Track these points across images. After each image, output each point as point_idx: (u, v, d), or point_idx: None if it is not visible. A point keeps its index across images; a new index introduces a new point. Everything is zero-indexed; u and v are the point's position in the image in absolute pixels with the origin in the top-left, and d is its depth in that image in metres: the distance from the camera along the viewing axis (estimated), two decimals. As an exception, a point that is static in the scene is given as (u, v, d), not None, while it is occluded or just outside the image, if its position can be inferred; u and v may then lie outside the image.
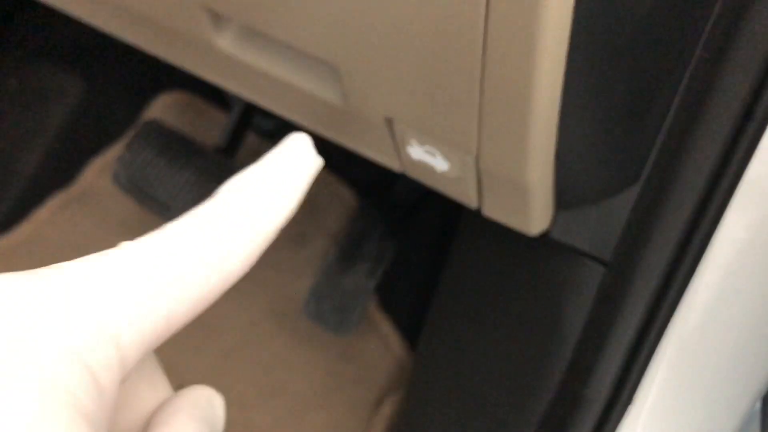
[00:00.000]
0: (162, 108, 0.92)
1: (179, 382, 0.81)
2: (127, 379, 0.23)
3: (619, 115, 0.40)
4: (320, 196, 0.89)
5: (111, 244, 0.86)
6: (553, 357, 0.47)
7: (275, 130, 0.88)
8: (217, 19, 0.43)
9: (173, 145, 0.74)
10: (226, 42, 0.45)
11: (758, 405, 0.56)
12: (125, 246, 0.24)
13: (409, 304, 0.81)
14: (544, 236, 0.45)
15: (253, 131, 0.86)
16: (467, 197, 0.44)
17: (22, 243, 0.86)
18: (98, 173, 0.91)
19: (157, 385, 0.28)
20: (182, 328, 0.28)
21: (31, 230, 0.87)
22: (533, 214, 0.42)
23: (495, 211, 0.44)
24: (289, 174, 0.29)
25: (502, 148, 0.38)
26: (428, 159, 0.42)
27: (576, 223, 0.45)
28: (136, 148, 0.74)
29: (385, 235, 0.75)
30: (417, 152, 0.42)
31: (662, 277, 0.43)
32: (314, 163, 0.31)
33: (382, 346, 0.79)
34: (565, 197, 0.42)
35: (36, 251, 0.86)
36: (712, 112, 0.41)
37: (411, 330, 0.80)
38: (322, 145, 0.50)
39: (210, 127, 0.91)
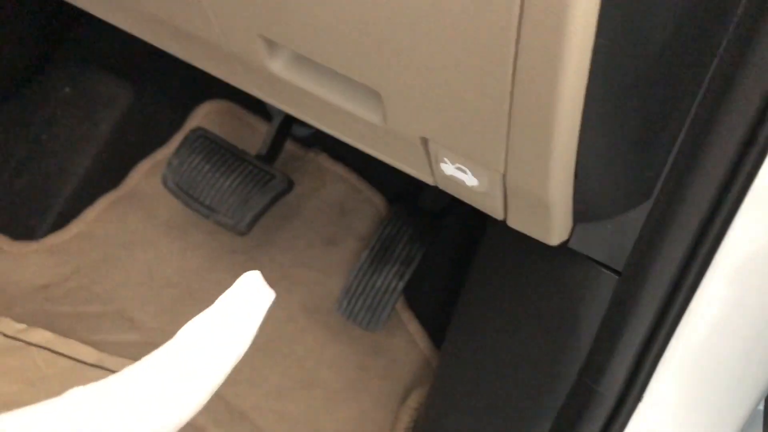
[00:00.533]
0: (205, 115, 0.97)
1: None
2: None
3: (633, 139, 0.44)
4: (351, 201, 0.94)
5: (156, 241, 0.94)
6: (569, 356, 0.51)
7: (312, 137, 0.93)
8: (271, 45, 0.48)
9: (217, 152, 0.80)
10: (278, 66, 0.49)
11: (762, 405, 0.60)
12: (75, 394, 0.26)
13: (434, 304, 0.86)
14: (564, 246, 0.49)
15: (291, 138, 0.91)
16: (494, 210, 0.48)
17: (75, 238, 0.92)
18: (145, 175, 0.97)
19: None
20: None
21: (83, 227, 0.93)
22: (554, 226, 0.47)
23: (519, 222, 0.48)
24: (242, 314, 0.30)
25: (527, 168, 0.42)
26: (459, 175, 0.46)
27: (593, 235, 0.49)
28: (184, 154, 0.79)
29: (414, 239, 0.80)
30: (449, 169, 0.46)
31: (670, 285, 0.47)
32: (267, 299, 0.32)
33: (409, 342, 0.84)
34: (582, 212, 0.47)
35: (87, 246, 0.92)
36: (718, 137, 0.45)
37: (436, 328, 0.84)
38: (355, 153, 0.55)
39: (250, 134, 0.97)
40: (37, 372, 0.77)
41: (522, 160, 0.42)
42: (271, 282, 1.01)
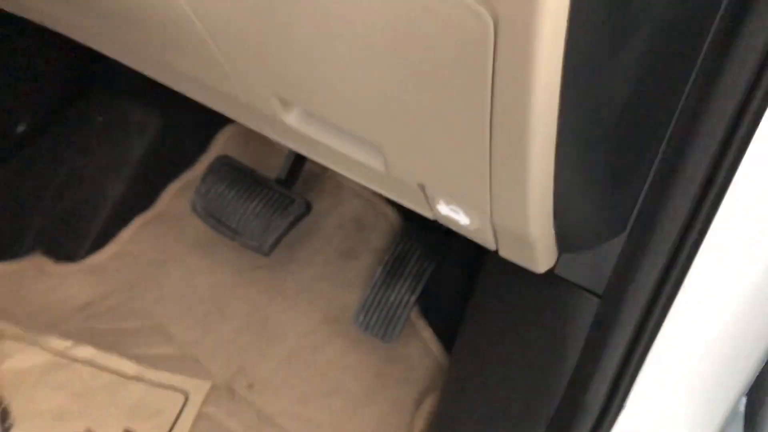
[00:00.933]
0: (228, 138, 1.04)
1: (249, 382, 0.96)
2: None
3: (605, 182, 0.50)
4: (367, 216, 1.01)
5: (187, 258, 1.01)
6: (558, 370, 0.57)
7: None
8: (285, 103, 0.54)
9: (240, 178, 0.86)
10: (291, 119, 0.56)
11: (743, 407, 0.66)
12: None
13: (447, 312, 0.92)
14: (550, 272, 0.55)
15: (309, 163, 0.97)
16: (486, 242, 0.54)
17: (112, 259, 1.00)
18: (174, 196, 1.04)
19: None
20: (250, 335, 0.32)
21: (119, 247, 1.00)
22: (539, 257, 0.52)
23: (508, 253, 0.54)
24: None
25: (510, 211, 0.48)
26: (453, 215, 0.52)
27: (576, 262, 0.55)
28: (209, 181, 0.86)
29: (425, 254, 0.86)
30: (444, 209, 0.53)
31: (646, 306, 0.53)
32: None
33: (423, 349, 0.90)
34: (565, 244, 0.53)
35: (123, 266, 0.99)
36: (683, 178, 0.50)
37: (449, 335, 0.90)
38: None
39: (271, 152, 1.03)
40: (83, 385, 0.85)
41: (504, 205, 0.48)
42: (294, 295, 1.10)
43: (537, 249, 0.51)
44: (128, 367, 0.87)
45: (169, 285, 0.98)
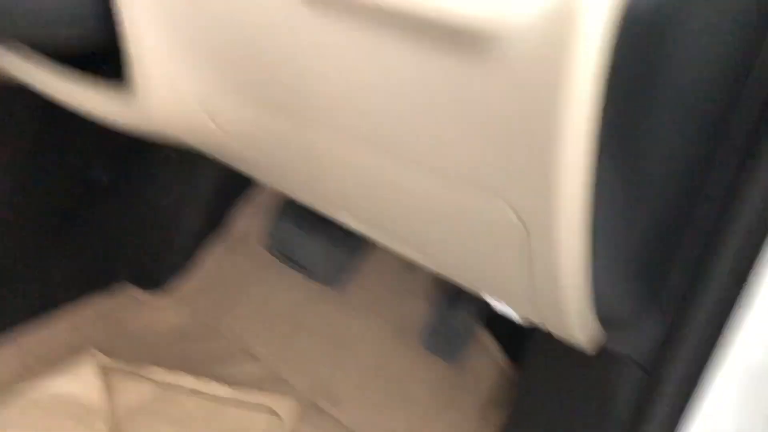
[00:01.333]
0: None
1: (331, 396, 1.04)
2: None
3: (642, 267, 0.54)
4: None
5: (265, 279, 1.11)
6: (606, 425, 0.62)
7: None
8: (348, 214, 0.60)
9: (308, 218, 0.92)
10: (352, 222, 0.61)
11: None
12: None
13: (510, 325, 0.97)
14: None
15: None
16: (535, 324, 0.59)
17: (196, 284, 1.08)
18: (248, 219, 1.11)
19: None
20: (329, 350, 0.35)
21: (202, 273, 1.09)
22: (583, 341, 0.57)
23: (556, 334, 0.59)
24: None
25: (552, 315, 0.53)
26: (503, 308, 0.57)
27: (623, 337, 0.59)
28: (281, 224, 0.93)
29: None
30: (496, 305, 0.57)
31: (689, 378, 0.57)
32: None
33: (490, 361, 0.96)
34: (606, 325, 0.57)
35: (207, 290, 1.08)
36: (722, 252, 0.53)
37: (514, 346, 0.96)
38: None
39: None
40: (184, 412, 0.95)
41: (547, 312, 0.52)
42: (366, 308, 1.18)
43: (577, 335, 0.56)
44: (223, 391, 0.96)
45: (251, 305, 1.06)
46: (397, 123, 0.38)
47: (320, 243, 0.90)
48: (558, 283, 0.47)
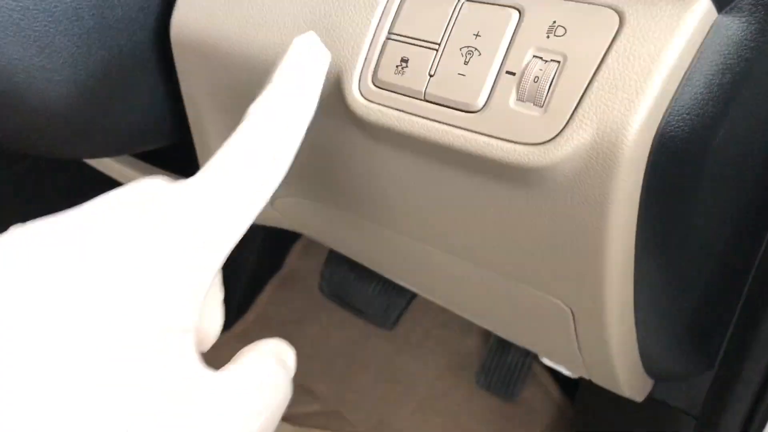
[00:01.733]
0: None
1: None
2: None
3: (690, 326, 0.55)
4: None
5: (318, 316, 1.16)
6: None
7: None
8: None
9: (360, 261, 0.95)
10: (406, 286, 0.64)
11: None
12: (202, 180, 0.29)
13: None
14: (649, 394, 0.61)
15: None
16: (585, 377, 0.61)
17: (254, 323, 1.13)
18: (300, 257, 1.15)
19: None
20: (385, 386, 0.36)
21: (259, 311, 1.13)
22: (632, 394, 0.59)
23: (606, 387, 0.61)
24: (305, 82, 0.31)
25: (601, 371, 0.55)
26: (555, 366, 0.59)
27: (672, 386, 0.61)
28: (332, 265, 0.96)
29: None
30: (549, 362, 0.60)
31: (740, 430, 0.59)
32: (325, 58, 0.33)
33: (544, 393, 0.98)
34: (657, 378, 0.58)
35: (265, 328, 1.12)
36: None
37: (566, 378, 0.97)
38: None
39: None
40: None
41: (595, 372, 0.54)
42: (418, 344, 1.21)
43: (629, 390, 0.57)
44: (289, 430, 1.00)
45: (307, 343, 1.10)
46: (450, 229, 0.41)
47: (373, 284, 0.93)
48: (605, 354, 0.49)
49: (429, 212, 0.40)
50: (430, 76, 0.34)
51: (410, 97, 0.35)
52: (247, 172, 0.30)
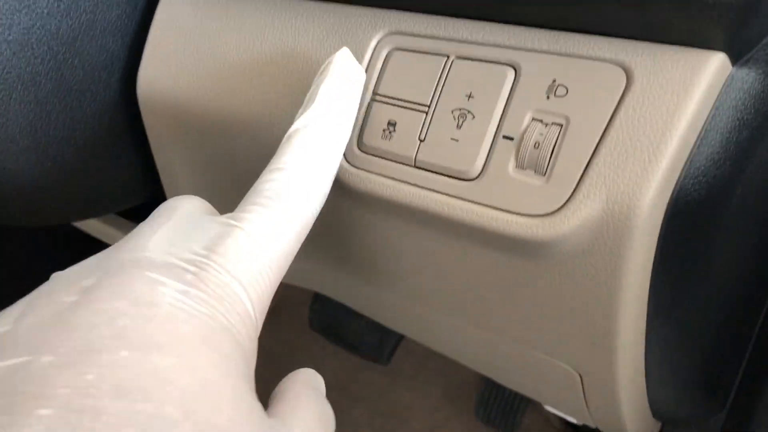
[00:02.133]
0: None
1: None
2: None
3: (697, 376, 0.53)
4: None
5: (310, 347, 1.11)
6: None
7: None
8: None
9: (350, 294, 0.92)
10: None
11: None
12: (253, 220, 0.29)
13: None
14: (658, 437, 0.59)
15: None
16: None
17: (244, 358, 1.09)
18: (287, 285, 1.11)
19: None
20: (381, 419, 0.37)
21: (248, 346, 1.10)
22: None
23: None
24: (347, 106, 0.31)
25: (608, 428, 0.52)
26: (560, 413, 0.57)
27: (681, 427, 0.58)
28: (322, 299, 0.92)
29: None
30: (553, 410, 0.57)
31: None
32: (362, 75, 0.32)
33: (544, 422, 0.95)
34: (666, 422, 0.56)
35: (257, 360, 1.08)
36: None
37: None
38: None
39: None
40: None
41: (602, 423, 0.51)
42: (413, 375, 1.18)
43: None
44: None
45: (300, 376, 1.06)
46: (451, 295, 0.38)
47: (364, 319, 0.90)
48: (613, 408, 0.47)
49: (428, 279, 0.37)
50: (420, 140, 0.31)
51: (399, 163, 0.32)
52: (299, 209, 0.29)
